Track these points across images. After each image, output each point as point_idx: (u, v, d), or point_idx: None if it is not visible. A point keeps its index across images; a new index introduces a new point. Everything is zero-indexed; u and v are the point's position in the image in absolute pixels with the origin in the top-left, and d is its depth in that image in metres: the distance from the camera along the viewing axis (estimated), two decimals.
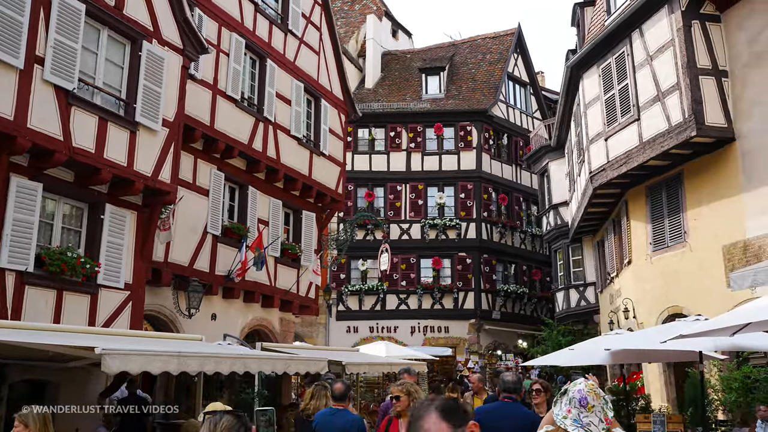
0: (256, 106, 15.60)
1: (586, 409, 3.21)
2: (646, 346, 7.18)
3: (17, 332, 5.93)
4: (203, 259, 14.06)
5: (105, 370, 5.58)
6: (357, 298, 26.49)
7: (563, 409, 3.29)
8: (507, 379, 5.42)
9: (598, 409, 3.22)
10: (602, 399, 3.26)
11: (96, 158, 9.41)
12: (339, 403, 5.92)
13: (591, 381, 3.35)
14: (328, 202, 18.49)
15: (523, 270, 28.99)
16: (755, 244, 12.14)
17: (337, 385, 6.03)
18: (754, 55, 12.43)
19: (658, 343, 6.28)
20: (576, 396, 3.25)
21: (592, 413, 3.21)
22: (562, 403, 3.33)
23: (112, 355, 5.47)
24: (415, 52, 32.35)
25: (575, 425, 3.20)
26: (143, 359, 5.83)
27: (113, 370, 5.63)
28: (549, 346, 21.56)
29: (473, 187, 27.20)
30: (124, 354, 5.63)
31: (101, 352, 5.42)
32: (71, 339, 6.18)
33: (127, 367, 5.69)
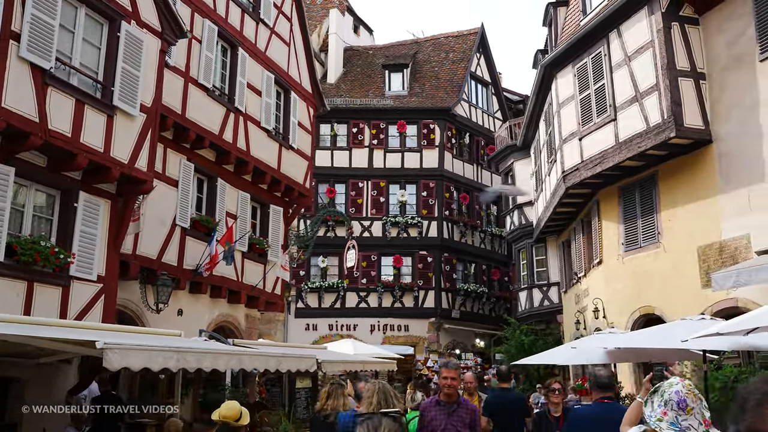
0: (227, 96, 15.13)
1: (684, 411, 3.01)
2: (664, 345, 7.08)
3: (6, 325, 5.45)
4: (171, 252, 13.54)
5: (107, 366, 5.17)
6: (317, 296, 26.13)
7: (657, 410, 3.09)
8: (601, 374, 4.73)
9: (697, 411, 3.04)
10: (700, 400, 3.08)
11: (72, 143, 8.88)
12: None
13: (688, 381, 3.15)
14: (296, 197, 18.10)
15: (483, 269, 29.08)
16: (731, 245, 12.30)
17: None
18: (733, 58, 12.59)
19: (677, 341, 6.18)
20: (674, 398, 3.05)
21: (691, 416, 3.02)
22: (654, 404, 3.13)
23: (113, 350, 5.06)
24: (378, 48, 32.11)
25: (673, 428, 3.01)
26: (144, 355, 5.44)
27: (114, 367, 5.22)
28: (512, 345, 21.61)
29: (435, 186, 27.13)
30: (126, 349, 5.23)
31: (103, 347, 5.00)
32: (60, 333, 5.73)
33: (128, 363, 5.29)
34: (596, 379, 4.69)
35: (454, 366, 5.93)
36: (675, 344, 6.52)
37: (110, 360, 5.06)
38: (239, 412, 5.02)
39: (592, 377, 4.84)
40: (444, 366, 5.99)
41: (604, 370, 4.77)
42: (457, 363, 6.05)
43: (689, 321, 7.40)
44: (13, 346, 6.40)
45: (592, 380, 4.79)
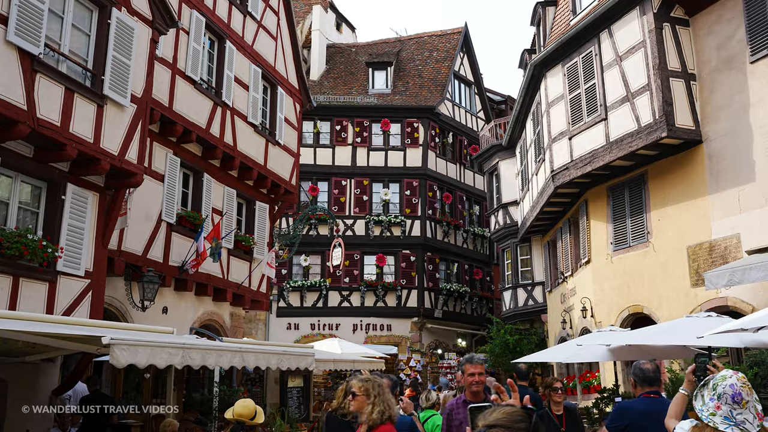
0: (215, 89, 14.86)
1: (740, 405, 2.89)
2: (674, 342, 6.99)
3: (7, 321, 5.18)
4: (157, 248, 13.25)
5: (113, 363, 4.95)
6: (299, 295, 25.87)
7: (710, 404, 2.96)
8: (646, 368, 4.56)
9: (751, 405, 2.92)
10: (753, 393, 2.96)
11: (61, 132, 8.59)
12: None
13: (741, 374, 3.03)
14: (282, 194, 17.86)
15: (465, 269, 29.02)
16: (721, 245, 12.32)
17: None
18: (723, 60, 12.63)
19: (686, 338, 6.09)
20: (728, 391, 2.92)
21: (746, 409, 2.90)
22: (705, 397, 3.01)
23: (120, 345, 4.83)
24: (361, 46, 31.92)
25: (727, 423, 2.88)
26: (150, 351, 5.22)
27: (121, 363, 4.99)
28: (496, 345, 21.57)
29: (419, 185, 27.01)
30: (133, 345, 5.00)
31: (110, 342, 4.77)
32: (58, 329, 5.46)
33: (135, 359, 5.07)
34: (642, 373, 4.56)
35: (479, 360, 5.33)
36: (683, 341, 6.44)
37: (117, 356, 4.83)
38: (254, 410, 4.84)
39: (637, 371, 4.65)
40: (468, 361, 5.36)
41: (649, 364, 4.62)
42: (482, 357, 5.38)
43: (695, 318, 7.32)
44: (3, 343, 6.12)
45: (638, 375, 4.62)
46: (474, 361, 5.35)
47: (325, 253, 25.82)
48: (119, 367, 5.11)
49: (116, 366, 5.06)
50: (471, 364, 5.32)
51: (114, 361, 4.94)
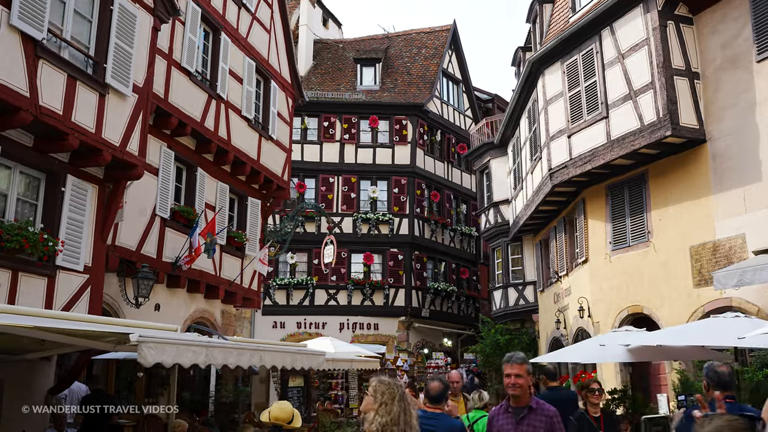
0: (209, 81, 14.52)
1: None
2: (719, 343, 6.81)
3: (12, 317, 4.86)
4: (151, 243, 12.88)
5: (141, 361, 4.66)
6: (285, 293, 25.51)
7: None
8: (721, 371, 4.34)
9: None
10: None
11: (64, 121, 8.23)
12: (435, 406, 5.05)
13: None
14: (274, 190, 17.56)
15: (452, 268, 28.88)
16: (725, 245, 12.26)
17: (434, 384, 5.09)
18: (728, 58, 12.57)
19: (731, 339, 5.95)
20: None
21: None
22: None
23: (148, 343, 4.54)
24: (348, 42, 31.62)
25: None
26: (176, 350, 4.93)
27: (149, 362, 4.70)
28: (487, 344, 21.44)
29: (407, 183, 26.80)
30: (160, 343, 4.71)
31: (139, 340, 4.48)
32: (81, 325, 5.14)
33: (162, 358, 4.78)
34: (717, 376, 4.34)
35: (519, 360, 4.68)
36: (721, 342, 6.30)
37: (145, 355, 4.54)
38: (291, 413, 4.58)
39: (712, 374, 4.41)
40: (506, 361, 4.74)
41: (725, 368, 4.41)
42: (522, 356, 4.75)
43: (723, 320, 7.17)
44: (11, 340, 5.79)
45: (713, 378, 4.38)
46: (513, 360, 4.72)
47: (312, 250, 25.57)
48: (146, 366, 4.82)
49: (143, 365, 4.77)
50: (509, 364, 4.74)
51: (142, 360, 4.66)
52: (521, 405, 4.68)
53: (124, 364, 12.58)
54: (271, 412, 4.61)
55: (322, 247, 18.88)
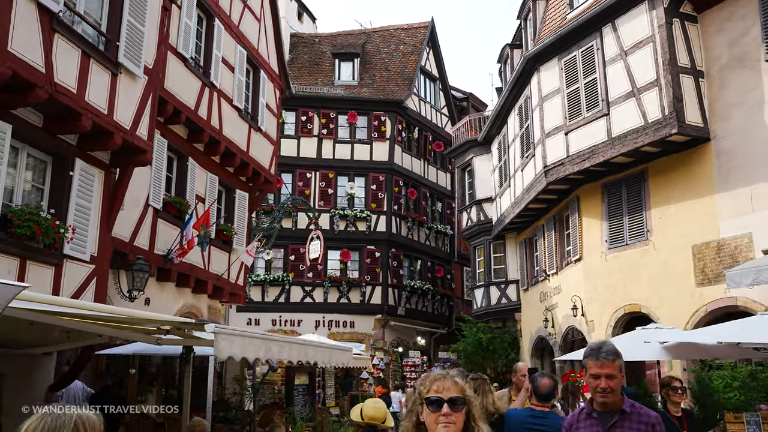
0: (203, 69, 13.98)
1: None
2: None
3: None
4: (143, 235, 12.30)
5: (217, 355, 4.28)
6: (260, 289, 24.98)
7: None
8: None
9: None
10: None
11: (77, 100, 7.70)
12: (544, 404, 4.76)
13: None
14: (261, 183, 17.06)
15: (428, 266, 28.70)
16: (730, 244, 12.28)
17: (544, 381, 4.78)
18: (735, 57, 12.60)
19: None
20: None
21: None
22: None
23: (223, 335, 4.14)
24: (324, 36, 31.17)
25: None
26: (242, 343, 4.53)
27: (223, 355, 4.33)
28: (469, 343, 21.29)
29: (385, 179, 26.51)
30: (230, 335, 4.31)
31: (215, 331, 4.08)
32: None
33: (232, 351, 4.38)
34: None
35: (612, 356, 3.55)
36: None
37: (221, 347, 4.15)
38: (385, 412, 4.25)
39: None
40: (592, 356, 3.61)
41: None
42: (615, 349, 3.60)
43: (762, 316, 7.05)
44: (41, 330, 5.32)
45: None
46: (601, 355, 3.55)
47: (288, 246, 25.11)
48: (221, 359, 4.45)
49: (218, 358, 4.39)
50: (596, 360, 3.56)
51: (218, 353, 4.26)
52: (611, 410, 3.62)
53: (114, 360, 12.00)
54: (364, 411, 4.28)
55: (307, 242, 18.47)
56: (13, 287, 3.03)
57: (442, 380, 2.39)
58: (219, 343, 4.14)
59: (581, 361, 3.87)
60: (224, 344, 4.18)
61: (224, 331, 4.27)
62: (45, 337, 5.84)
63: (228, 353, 4.35)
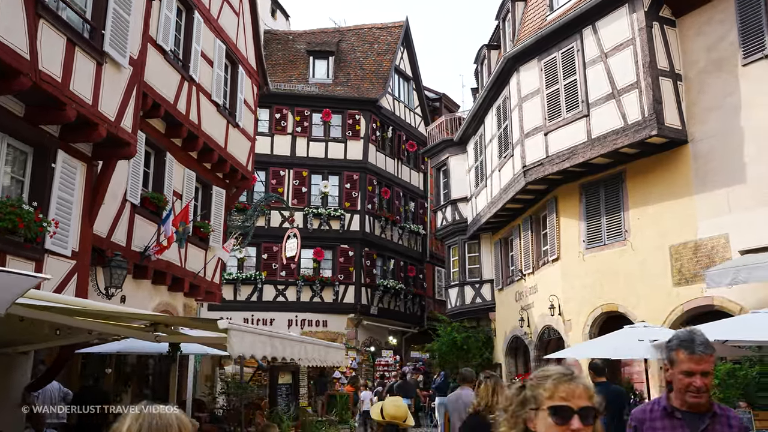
0: (182, 62, 13.74)
1: None
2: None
3: None
4: (120, 231, 12.02)
5: (229, 351, 4.15)
6: (232, 288, 24.68)
7: None
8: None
9: None
10: None
11: (62, 89, 7.47)
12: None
13: None
14: (238, 180, 16.84)
15: (400, 266, 28.68)
16: (707, 244, 12.46)
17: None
18: (713, 61, 12.79)
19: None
20: None
21: None
22: None
23: (236, 331, 4.01)
24: (298, 34, 30.95)
25: None
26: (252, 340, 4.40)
27: (236, 352, 4.19)
28: (444, 342, 21.30)
29: (359, 178, 26.42)
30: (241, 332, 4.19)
31: (228, 327, 3.96)
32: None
33: (243, 349, 4.25)
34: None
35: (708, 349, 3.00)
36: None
37: (233, 343, 4.02)
38: (406, 411, 4.18)
39: None
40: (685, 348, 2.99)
41: None
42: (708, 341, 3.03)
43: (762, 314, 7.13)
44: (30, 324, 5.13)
45: None
46: (697, 348, 2.97)
47: (261, 245, 24.86)
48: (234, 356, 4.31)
49: (231, 354, 4.26)
50: (691, 353, 2.97)
51: (230, 349, 4.13)
52: (700, 410, 3.09)
53: (89, 359, 11.72)
54: (386, 410, 4.20)
55: (284, 240, 18.29)
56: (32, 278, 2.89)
57: (570, 383, 1.90)
58: (231, 340, 4.01)
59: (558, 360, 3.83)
60: (236, 341, 4.05)
61: (236, 327, 4.14)
62: (34, 334, 5.63)
63: (239, 350, 4.22)
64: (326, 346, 7.18)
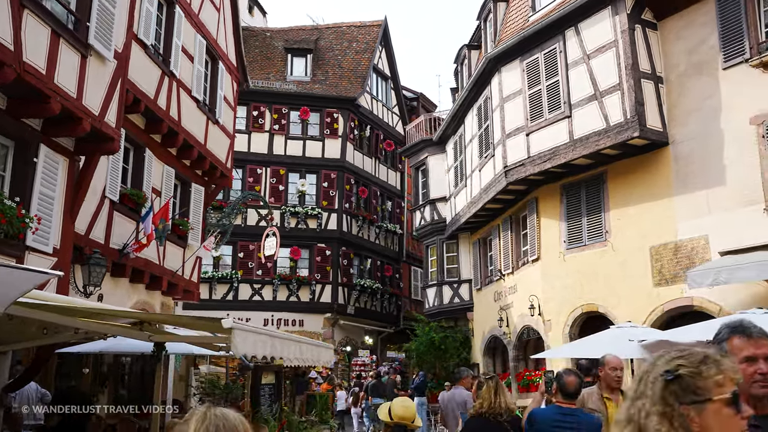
0: (163, 57, 13.52)
1: None
2: None
3: None
4: (99, 228, 11.80)
5: (233, 351, 4.03)
6: (208, 286, 24.40)
7: None
8: None
9: None
10: None
11: (46, 82, 7.29)
12: (570, 401, 4.69)
13: None
14: (217, 177, 16.64)
15: (377, 265, 28.62)
16: (687, 245, 12.59)
17: (570, 378, 4.71)
18: (693, 64, 12.93)
19: None
20: None
21: None
22: None
23: (240, 331, 3.92)
24: (276, 31, 30.73)
25: None
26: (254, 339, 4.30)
27: (239, 351, 4.08)
28: (422, 342, 21.29)
29: (336, 177, 26.31)
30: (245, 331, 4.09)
31: (232, 326, 3.86)
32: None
33: (245, 348, 4.15)
34: None
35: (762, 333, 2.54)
36: None
37: (237, 343, 3.92)
38: (414, 413, 4.11)
39: None
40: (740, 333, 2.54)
41: None
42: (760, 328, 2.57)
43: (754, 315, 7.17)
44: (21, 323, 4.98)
45: None
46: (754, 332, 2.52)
47: (237, 243, 24.64)
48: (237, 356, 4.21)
49: (235, 354, 4.15)
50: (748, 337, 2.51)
51: (233, 349, 4.03)
52: None
53: (65, 359, 11.48)
54: (394, 411, 4.12)
55: (262, 239, 18.10)
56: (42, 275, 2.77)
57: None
58: (235, 340, 3.90)
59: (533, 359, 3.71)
60: (239, 340, 3.95)
61: (240, 327, 4.04)
62: (22, 333, 5.47)
63: (243, 350, 4.12)
64: (317, 346, 7.11)
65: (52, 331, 5.53)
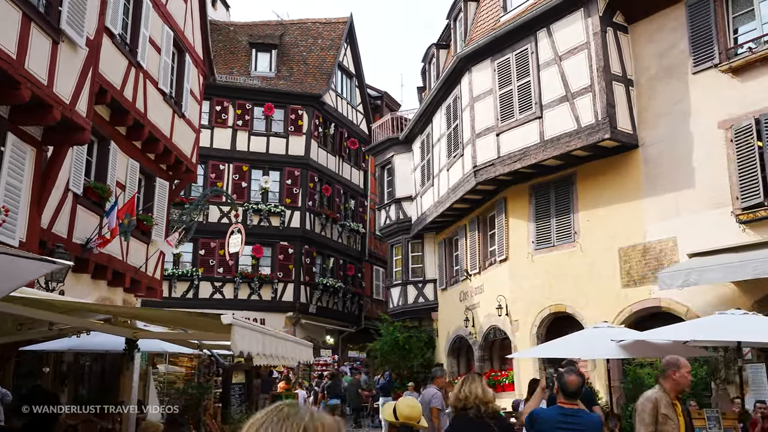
0: (130, 47, 13.14)
1: None
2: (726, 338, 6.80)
3: None
4: (62, 222, 11.39)
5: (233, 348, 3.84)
6: (168, 284, 23.83)
7: None
8: None
9: None
10: None
11: (17, 67, 6.96)
12: (572, 401, 4.57)
13: None
14: (182, 172, 16.27)
15: (340, 264, 28.43)
16: (656, 247, 12.75)
17: (571, 377, 4.57)
18: (663, 68, 13.10)
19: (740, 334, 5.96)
20: None
21: None
22: None
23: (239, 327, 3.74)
24: (240, 25, 30.28)
25: None
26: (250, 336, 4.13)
27: (238, 348, 3.90)
28: (386, 342, 21.18)
29: (300, 174, 26.04)
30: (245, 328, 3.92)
31: (232, 322, 3.68)
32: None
33: (243, 345, 3.98)
34: None
35: None
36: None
37: (236, 340, 3.74)
38: (420, 413, 3.99)
39: None
40: None
41: None
42: None
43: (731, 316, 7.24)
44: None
45: None
46: None
47: (198, 240, 24.17)
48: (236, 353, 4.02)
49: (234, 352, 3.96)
50: None
51: (233, 346, 3.85)
52: None
53: (24, 358, 11.03)
54: (399, 411, 3.98)
55: (227, 236, 17.79)
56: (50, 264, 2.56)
57: None
58: (235, 336, 3.72)
59: None
60: (239, 337, 3.77)
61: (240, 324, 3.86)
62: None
63: (242, 347, 3.93)
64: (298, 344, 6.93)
65: (26, 326, 5.26)
